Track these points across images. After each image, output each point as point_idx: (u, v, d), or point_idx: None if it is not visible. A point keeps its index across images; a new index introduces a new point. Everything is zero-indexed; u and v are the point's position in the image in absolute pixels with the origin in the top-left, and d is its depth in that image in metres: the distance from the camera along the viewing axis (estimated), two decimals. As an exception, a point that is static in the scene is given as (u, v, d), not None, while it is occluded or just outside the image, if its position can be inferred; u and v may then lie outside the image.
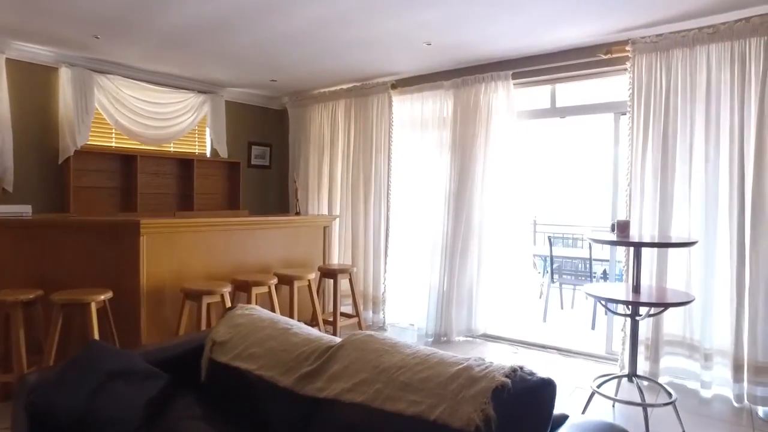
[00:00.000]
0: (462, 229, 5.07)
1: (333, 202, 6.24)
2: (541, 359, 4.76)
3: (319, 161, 6.40)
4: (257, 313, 2.55)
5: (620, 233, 3.35)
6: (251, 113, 6.81)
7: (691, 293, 3.41)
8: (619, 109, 4.49)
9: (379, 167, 5.77)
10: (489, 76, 4.92)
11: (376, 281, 5.80)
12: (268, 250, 4.79)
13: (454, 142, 5.18)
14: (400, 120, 5.73)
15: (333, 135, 6.25)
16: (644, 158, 4.11)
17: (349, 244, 6.04)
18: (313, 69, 5.39)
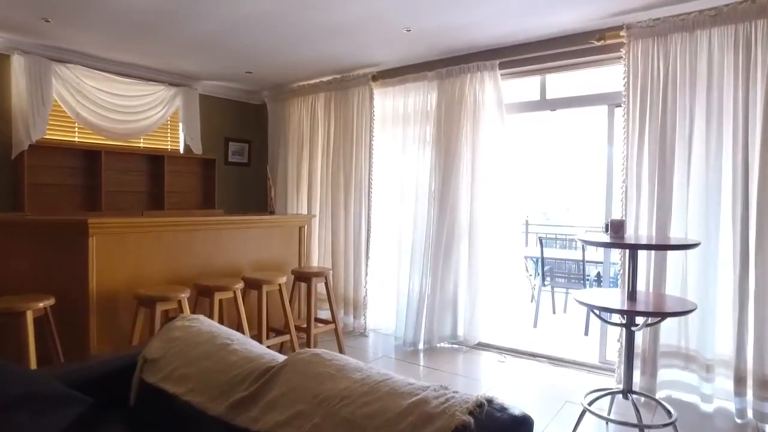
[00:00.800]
0: (446, 229, 4.75)
1: (313, 202, 5.92)
2: (529, 369, 4.44)
3: (298, 158, 6.07)
4: (197, 325, 2.22)
5: (614, 234, 3.04)
6: (228, 108, 6.48)
7: (691, 300, 3.09)
8: (613, 101, 4.18)
9: (359, 164, 5.45)
10: (474, 66, 4.60)
11: (356, 284, 5.48)
12: (238, 252, 4.47)
13: (438, 138, 4.86)
14: (381, 114, 5.41)
15: (313, 130, 5.93)
16: (640, 153, 3.80)
17: (330, 246, 5.71)
18: (288, 59, 5.06)
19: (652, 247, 3.04)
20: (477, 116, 4.65)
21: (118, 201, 5.29)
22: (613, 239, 2.95)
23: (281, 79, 5.92)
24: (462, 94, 4.68)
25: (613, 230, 3.05)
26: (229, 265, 4.37)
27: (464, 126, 4.67)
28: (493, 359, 4.66)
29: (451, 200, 4.73)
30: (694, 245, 2.77)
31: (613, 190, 4.26)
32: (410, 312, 5.00)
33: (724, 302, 3.45)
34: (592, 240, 2.93)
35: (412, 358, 4.69)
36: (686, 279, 3.58)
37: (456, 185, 4.71)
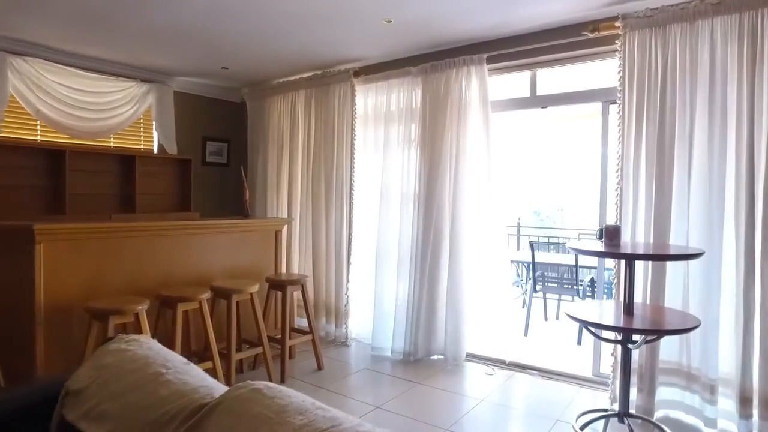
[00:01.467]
0: (433, 234, 4.47)
1: (293, 204, 5.63)
2: (519, 382, 4.17)
3: (278, 159, 5.78)
4: (134, 348, 1.93)
5: (609, 241, 2.77)
6: (206, 106, 6.19)
7: (692, 315, 2.81)
8: (608, 97, 3.92)
9: (341, 165, 5.17)
10: (461, 60, 4.32)
11: (338, 291, 5.20)
12: (209, 259, 4.18)
13: (423, 137, 4.59)
14: (364, 112, 5.14)
15: (293, 129, 5.64)
16: (637, 153, 3.53)
17: (311, 251, 5.43)
18: (265, 53, 4.78)
19: (651, 257, 2.77)
20: (464, 114, 4.37)
21: (86, 204, 4.98)
22: (608, 247, 2.68)
23: (260, 75, 5.63)
24: (448, 91, 4.41)
25: (608, 237, 2.78)
26: (199, 272, 4.09)
27: (450, 124, 4.40)
28: (480, 372, 4.39)
29: (437, 203, 4.46)
30: (697, 255, 2.50)
31: (608, 193, 4.00)
32: (393, 321, 4.73)
33: (728, 315, 3.18)
34: (584, 248, 2.65)
35: (395, 371, 4.41)
36: (687, 289, 3.31)
37: (442, 187, 4.44)
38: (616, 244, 2.75)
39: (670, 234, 3.38)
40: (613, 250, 2.59)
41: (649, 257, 2.79)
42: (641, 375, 3.45)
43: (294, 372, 4.33)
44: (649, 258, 2.91)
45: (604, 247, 2.71)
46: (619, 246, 2.74)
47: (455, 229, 4.46)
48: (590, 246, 2.72)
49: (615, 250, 2.60)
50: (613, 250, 2.58)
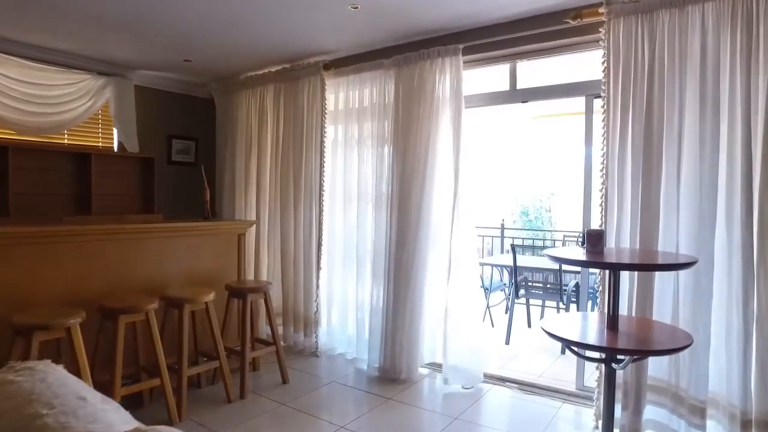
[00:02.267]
0: (409, 237, 4.16)
1: (262, 205, 5.31)
2: (498, 397, 3.89)
3: (246, 157, 5.46)
4: (20, 381, 1.61)
5: (591, 248, 2.48)
6: (172, 102, 5.85)
7: (683, 331, 2.52)
8: (592, 91, 3.65)
9: (310, 164, 4.86)
10: (435, 52, 4.03)
11: (307, 298, 4.88)
12: (164, 265, 3.86)
13: (396, 134, 4.29)
14: (334, 108, 4.84)
15: (261, 126, 5.32)
16: (623, 150, 3.26)
17: (279, 255, 5.11)
18: (228, 44, 4.46)
19: (638, 267, 2.48)
20: (438, 109, 4.07)
21: (34, 204, 4.63)
22: (590, 255, 2.39)
23: (227, 69, 5.31)
24: (422, 84, 4.11)
25: (591, 243, 2.49)
26: (153, 280, 3.76)
27: (423, 120, 4.09)
28: (458, 384, 4.10)
29: (412, 205, 4.15)
30: (688, 264, 2.21)
31: (593, 195, 3.73)
32: (366, 330, 4.44)
33: (720, 328, 2.90)
34: (562, 256, 2.36)
35: (365, 385, 4.11)
36: (677, 299, 3.03)
37: (416, 188, 4.14)
38: (599, 251, 2.46)
39: (659, 239, 3.10)
40: (595, 258, 2.31)
41: (636, 267, 2.50)
42: (627, 392, 3.18)
43: (256, 386, 4.02)
44: (635, 268, 2.62)
45: (586, 254, 2.42)
46: (602, 253, 2.45)
47: (431, 231, 4.17)
48: (570, 254, 2.43)
49: (598, 258, 2.31)
50: (596, 259, 2.29)
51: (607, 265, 2.30)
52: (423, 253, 4.16)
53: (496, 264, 6.28)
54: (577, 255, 2.39)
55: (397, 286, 4.21)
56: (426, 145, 4.09)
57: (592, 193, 3.73)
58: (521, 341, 5.46)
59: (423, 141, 4.09)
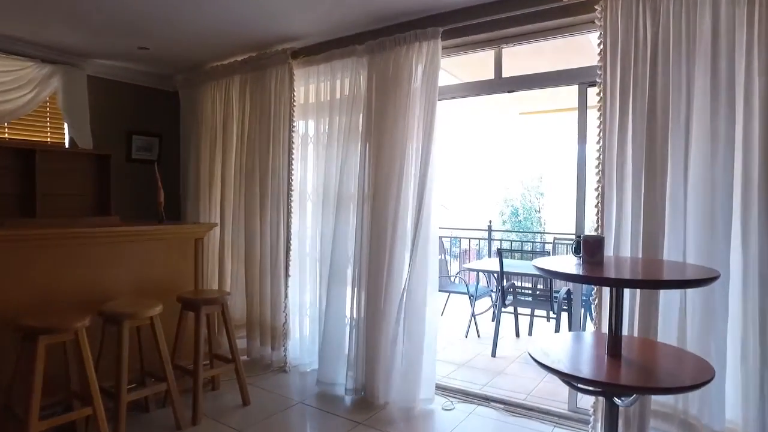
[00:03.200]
0: (384, 241, 3.74)
1: (226, 207, 4.87)
2: (480, 422, 3.48)
3: (211, 155, 5.02)
4: None
5: (588, 257, 2.08)
6: (133, 95, 5.40)
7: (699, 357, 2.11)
8: (585, 78, 3.25)
9: (277, 161, 4.43)
10: (412, 35, 3.61)
11: (275, 308, 4.46)
12: (109, 275, 3.43)
13: (369, 127, 3.87)
14: (304, 100, 4.42)
15: (226, 121, 4.89)
16: (622, 145, 2.87)
17: (243, 261, 4.68)
18: (187, 28, 4.02)
19: (644, 284, 2.06)
20: (416, 99, 3.66)
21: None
22: (588, 267, 1.99)
23: (190, 58, 4.87)
24: (398, 73, 3.70)
25: (587, 252, 2.09)
26: (92, 292, 3.32)
27: (401, 112, 3.68)
28: (437, 405, 3.70)
29: (388, 206, 3.73)
30: (710, 280, 1.80)
31: (587, 195, 3.34)
32: (338, 343, 4.01)
33: (736, 348, 2.52)
34: (553, 269, 1.95)
35: (335, 406, 3.70)
36: (685, 316, 2.64)
37: (392, 187, 3.71)
38: (597, 261, 2.06)
39: (664, 246, 2.72)
40: (594, 272, 1.90)
41: (641, 284, 2.09)
42: (628, 419, 2.78)
43: (213, 408, 3.59)
44: (646, 285, 2.21)
45: (582, 266, 2.02)
46: (601, 264, 2.05)
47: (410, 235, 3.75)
48: (563, 265, 2.03)
49: (597, 271, 1.91)
50: (595, 273, 1.89)
51: (608, 282, 1.90)
52: (399, 259, 3.74)
53: (481, 269, 5.88)
54: (572, 267, 1.98)
55: (372, 296, 3.80)
56: (402, 141, 3.68)
57: (586, 193, 3.34)
58: (509, 353, 5.06)
59: (399, 136, 3.68)
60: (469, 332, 5.67)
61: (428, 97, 3.61)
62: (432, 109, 3.59)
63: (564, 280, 2.34)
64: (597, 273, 1.87)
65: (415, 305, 3.67)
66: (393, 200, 3.69)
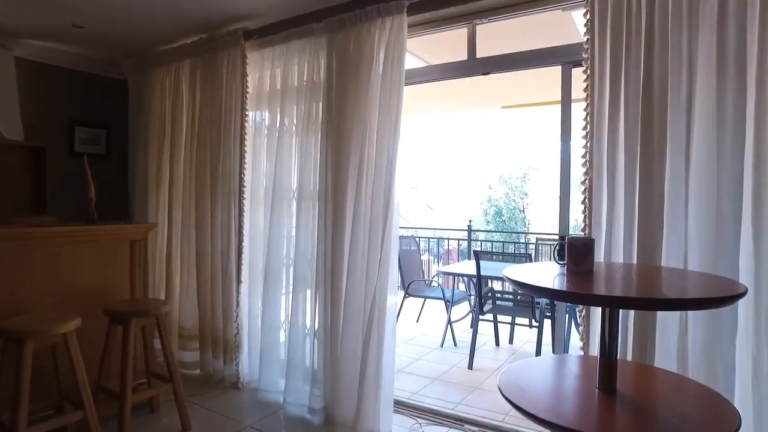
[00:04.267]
0: (344, 242, 3.30)
1: (175, 206, 4.40)
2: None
3: (159, 148, 4.54)
4: None
5: (574, 265, 1.66)
6: (75, 82, 4.90)
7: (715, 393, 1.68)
8: (570, 57, 2.85)
9: (229, 155, 3.97)
10: (374, 11, 3.17)
11: (226, 317, 4.00)
12: (17, 285, 2.94)
13: (329, 116, 3.43)
14: (258, 88, 3.96)
15: (175, 111, 4.42)
16: (613, 131, 2.46)
17: (194, 265, 4.21)
18: (124, 2, 3.55)
19: (650, 304, 1.58)
20: (380, 83, 3.23)
21: None
22: (572, 279, 1.56)
23: (135, 40, 4.39)
24: (359, 53, 3.26)
25: (573, 259, 1.67)
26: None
27: (362, 98, 3.24)
28: (404, 427, 3.27)
29: (349, 204, 3.30)
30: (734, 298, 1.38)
31: (572, 191, 2.94)
32: (295, 357, 3.57)
33: (746, 369, 2.12)
34: (529, 282, 1.52)
35: (290, 429, 3.25)
36: (685, 332, 2.24)
37: (354, 183, 3.28)
38: (585, 271, 1.64)
39: (662, 248, 2.31)
40: (580, 287, 1.47)
41: (652, 304, 1.60)
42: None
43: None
44: (651, 306, 1.73)
45: (567, 276, 1.60)
46: (590, 274, 1.63)
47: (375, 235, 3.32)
48: (540, 276, 1.60)
49: (584, 287, 1.48)
50: (581, 288, 1.46)
51: (602, 301, 1.47)
52: (361, 262, 3.31)
53: (457, 273, 5.46)
54: (552, 279, 1.56)
55: (331, 302, 3.36)
56: (364, 131, 3.24)
57: (571, 189, 2.94)
58: (487, 364, 4.65)
59: (360, 126, 3.24)
60: (445, 341, 5.24)
61: (394, 80, 3.18)
62: (398, 95, 3.16)
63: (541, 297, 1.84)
64: (585, 288, 1.45)
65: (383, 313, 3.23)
66: (353, 198, 3.26)
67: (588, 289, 1.43)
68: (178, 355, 4.21)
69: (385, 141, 3.18)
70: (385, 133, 3.19)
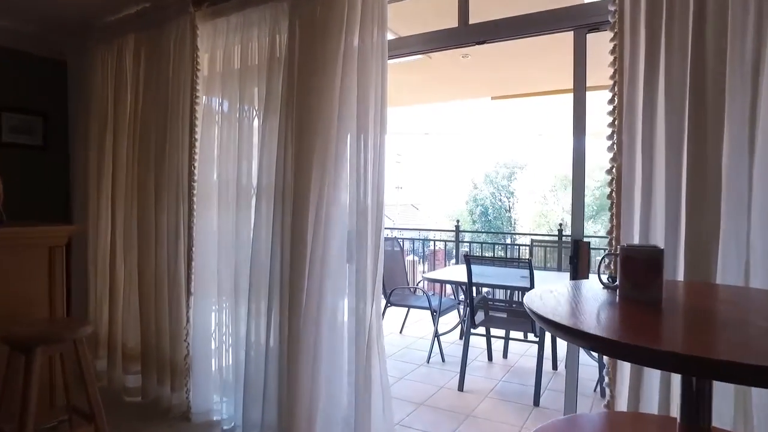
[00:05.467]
0: (309, 247, 2.71)
1: (118, 205, 3.77)
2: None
3: (100, 139, 3.91)
4: None
5: (636, 291, 1.09)
6: (5, 61, 4.24)
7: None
8: (585, 20, 2.29)
9: (177, 146, 3.36)
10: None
11: (174, 336, 3.38)
12: None
13: (289, 98, 2.85)
14: (210, 65, 3.36)
15: (119, 95, 3.79)
16: (650, 102, 1.90)
17: (137, 274, 3.59)
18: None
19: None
20: (355, 54, 2.65)
21: None
22: (635, 318, 0.99)
23: (72, 10, 3.76)
24: (325, 20, 2.67)
25: (633, 281, 1.10)
26: None
27: (331, 73, 2.65)
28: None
29: (312, 202, 2.71)
30: None
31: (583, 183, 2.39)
32: (254, 380, 2.97)
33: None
34: (572, 325, 0.94)
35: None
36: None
37: (318, 177, 2.69)
38: (651, 299, 1.08)
39: (717, 258, 1.75)
40: (653, 338, 0.90)
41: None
42: None
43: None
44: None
45: (623, 315, 1.03)
46: (658, 304, 1.06)
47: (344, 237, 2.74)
48: (578, 310, 1.03)
49: (665, 339, 0.90)
50: (660, 343, 0.88)
51: (706, 368, 0.87)
52: (333, 271, 2.72)
53: (445, 280, 4.89)
54: (599, 318, 0.98)
55: (296, 317, 2.76)
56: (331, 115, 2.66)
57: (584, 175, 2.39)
58: (480, 384, 4.08)
59: (329, 109, 2.65)
60: (431, 355, 4.67)
61: (374, 49, 2.61)
62: (380, 70, 2.60)
63: (592, 349, 1.16)
64: (663, 340, 0.87)
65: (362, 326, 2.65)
66: (319, 196, 2.67)
67: (672, 344, 0.85)
68: (121, 379, 3.60)
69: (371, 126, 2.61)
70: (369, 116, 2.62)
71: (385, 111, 2.66)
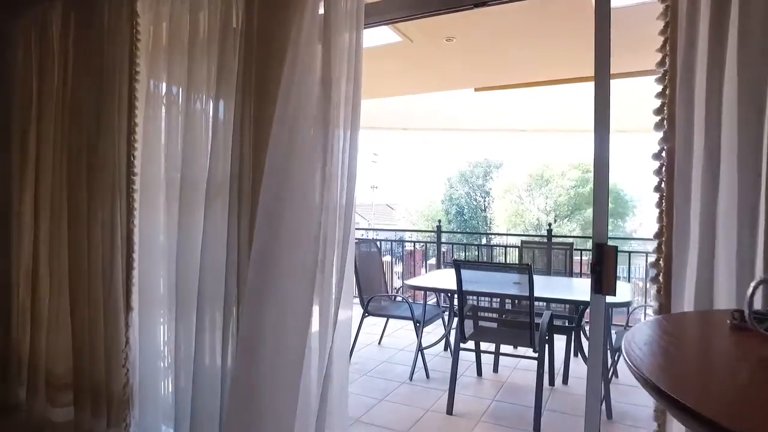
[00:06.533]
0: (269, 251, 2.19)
1: (43, 205, 3.20)
2: None
3: (24, 125, 3.33)
4: None
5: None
6: None
7: None
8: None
9: (112, 134, 2.80)
10: None
11: (111, 359, 2.83)
12: None
13: (248, 76, 2.35)
14: (156, 39, 2.81)
15: (43, 73, 3.21)
16: (717, 74, 1.44)
17: (66, 287, 3.02)
18: None
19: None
20: (318, 22, 2.16)
21: None
22: None
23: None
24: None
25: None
26: None
27: (294, 43, 2.15)
28: None
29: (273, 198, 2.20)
30: None
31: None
32: (198, 413, 2.45)
33: None
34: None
35: None
36: None
37: (280, 170, 2.18)
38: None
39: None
40: None
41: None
42: None
43: None
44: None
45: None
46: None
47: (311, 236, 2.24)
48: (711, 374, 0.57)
49: None
50: None
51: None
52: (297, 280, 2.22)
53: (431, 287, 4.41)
54: None
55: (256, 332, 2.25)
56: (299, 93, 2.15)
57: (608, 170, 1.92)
58: (471, 406, 3.61)
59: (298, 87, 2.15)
60: (414, 371, 4.19)
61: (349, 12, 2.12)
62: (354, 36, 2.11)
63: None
64: None
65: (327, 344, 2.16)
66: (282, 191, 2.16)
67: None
68: (43, 411, 3.04)
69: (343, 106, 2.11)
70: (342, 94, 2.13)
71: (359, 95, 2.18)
